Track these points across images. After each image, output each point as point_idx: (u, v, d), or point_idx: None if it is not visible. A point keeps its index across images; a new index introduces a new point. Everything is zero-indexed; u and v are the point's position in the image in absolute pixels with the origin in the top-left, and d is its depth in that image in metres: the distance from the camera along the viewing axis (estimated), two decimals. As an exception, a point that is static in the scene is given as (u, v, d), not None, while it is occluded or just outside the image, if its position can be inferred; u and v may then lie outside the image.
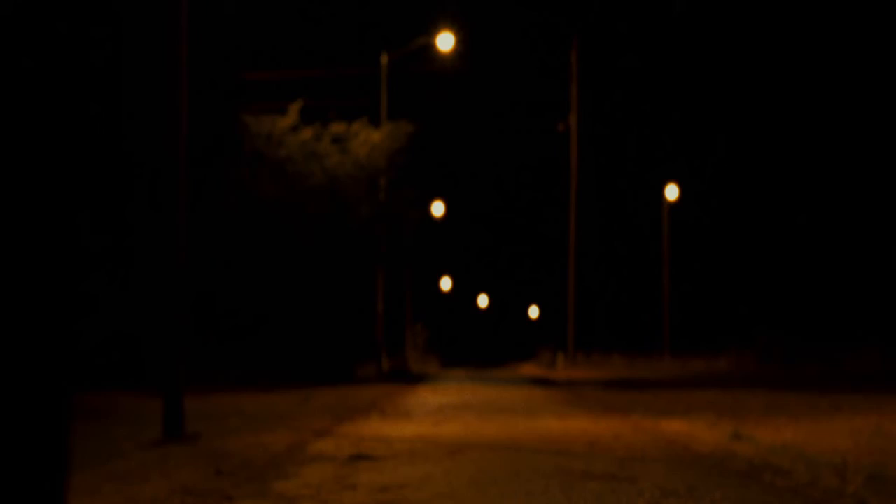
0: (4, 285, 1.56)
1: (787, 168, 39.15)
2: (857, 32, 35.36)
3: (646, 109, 46.23)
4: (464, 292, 69.73)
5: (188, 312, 8.25)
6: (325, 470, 5.70)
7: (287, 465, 5.95)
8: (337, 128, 21.35)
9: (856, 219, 35.64)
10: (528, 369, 41.16)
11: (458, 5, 54.18)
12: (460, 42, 26.61)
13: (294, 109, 20.72)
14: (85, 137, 1.58)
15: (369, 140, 21.76)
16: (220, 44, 18.27)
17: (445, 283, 59.30)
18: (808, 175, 37.55)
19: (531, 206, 61.24)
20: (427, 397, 15.12)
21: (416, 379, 24.75)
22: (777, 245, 39.08)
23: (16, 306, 1.56)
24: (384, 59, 26.04)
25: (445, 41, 25.98)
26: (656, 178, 39.26)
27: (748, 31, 40.80)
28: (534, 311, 72.96)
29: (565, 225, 37.63)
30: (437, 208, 38.92)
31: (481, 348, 69.15)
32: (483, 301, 76.03)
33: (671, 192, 37.40)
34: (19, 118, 1.49)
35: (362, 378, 21.77)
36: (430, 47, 26.48)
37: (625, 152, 48.18)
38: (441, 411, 11.45)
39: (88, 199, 14.14)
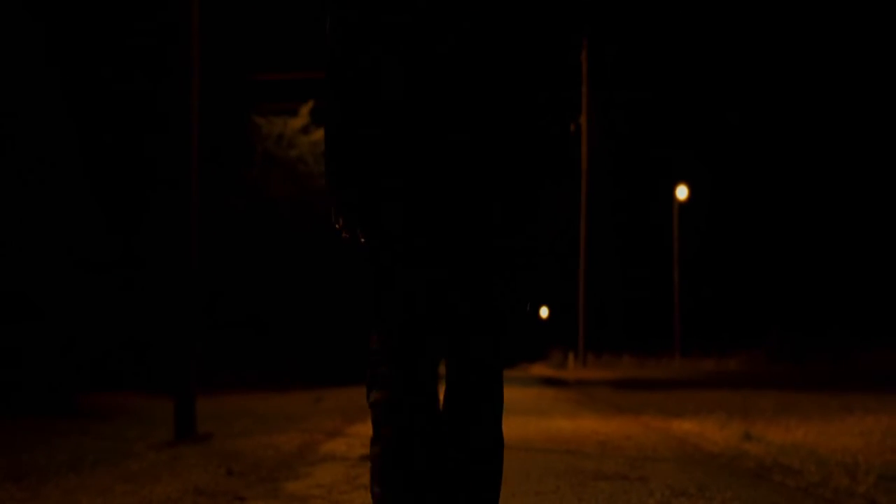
0: None
1: (800, 166, 39.08)
2: (876, 27, 35.29)
3: (656, 109, 46.17)
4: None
5: (199, 314, 8.28)
6: (336, 470, 5.72)
7: (299, 466, 5.97)
8: None
9: (867, 217, 35.53)
10: (539, 369, 41.19)
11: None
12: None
13: (305, 111, 20.79)
14: (101, 145, 1.60)
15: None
16: (231, 45, 18.30)
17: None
18: (821, 173, 37.45)
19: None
20: (439, 397, 15.09)
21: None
22: (787, 245, 39.01)
23: None
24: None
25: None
26: (667, 179, 39.26)
27: (761, 29, 40.72)
28: (544, 312, 72.94)
29: (576, 225, 37.59)
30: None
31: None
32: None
33: (681, 192, 37.38)
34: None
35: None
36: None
37: (635, 152, 48.13)
38: (452, 412, 11.42)
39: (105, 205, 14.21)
